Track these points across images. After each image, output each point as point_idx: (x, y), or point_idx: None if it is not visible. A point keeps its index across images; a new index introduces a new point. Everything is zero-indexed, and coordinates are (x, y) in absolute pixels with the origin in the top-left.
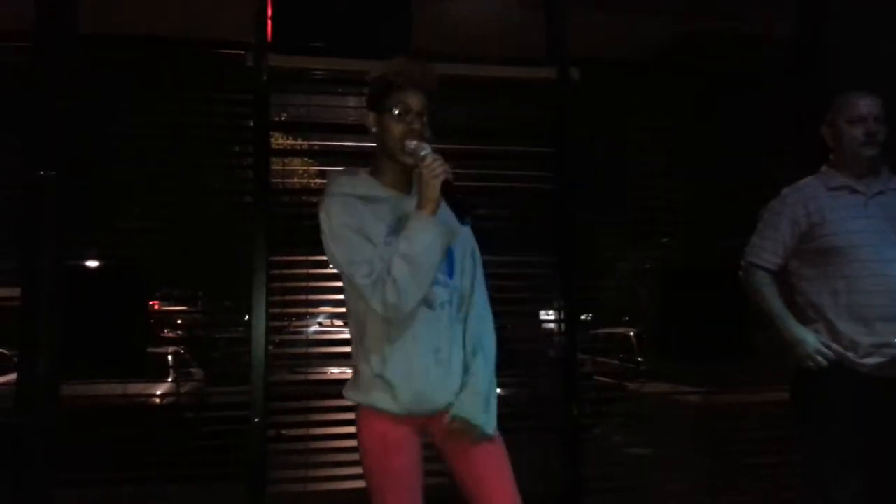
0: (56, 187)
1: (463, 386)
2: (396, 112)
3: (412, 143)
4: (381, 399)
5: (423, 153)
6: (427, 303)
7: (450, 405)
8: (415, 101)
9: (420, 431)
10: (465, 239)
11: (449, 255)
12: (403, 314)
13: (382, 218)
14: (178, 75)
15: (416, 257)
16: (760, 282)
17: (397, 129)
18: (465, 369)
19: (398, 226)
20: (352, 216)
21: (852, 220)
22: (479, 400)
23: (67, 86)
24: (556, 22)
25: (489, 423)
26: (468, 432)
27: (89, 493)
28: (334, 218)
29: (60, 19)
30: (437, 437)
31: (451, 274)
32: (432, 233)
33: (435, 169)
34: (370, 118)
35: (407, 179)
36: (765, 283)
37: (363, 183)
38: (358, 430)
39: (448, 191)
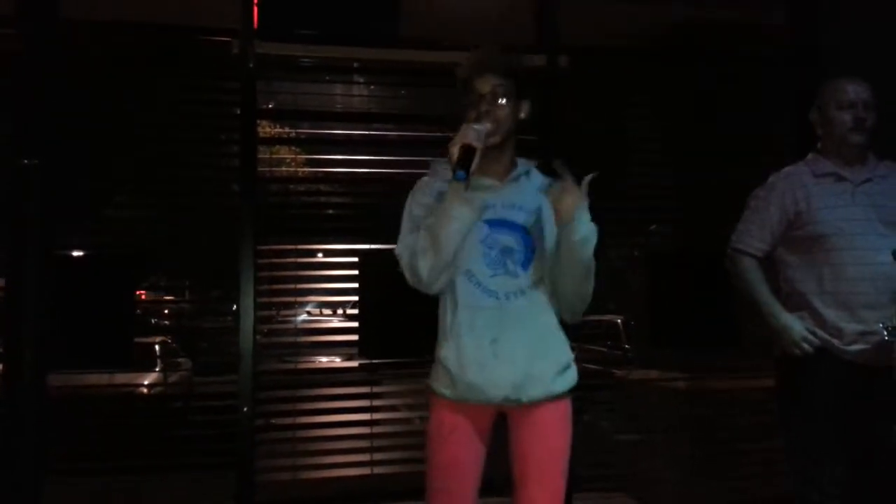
0: (41, 176)
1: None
2: (470, 101)
3: (471, 126)
4: (440, 384)
5: (461, 128)
6: (491, 292)
7: (507, 399)
8: (481, 85)
9: (487, 421)
10: (549, 230)
11: (528, 245)
12: (426, 285)
13: (469, 203)
14: (164, 62)
15: (431, 227)
16: (746, 269)
17: (471, 115)
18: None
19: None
20: (427, 199)
21: (839, 208)
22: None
23: (51, 73)
24: (545, 9)
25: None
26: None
27: (77, 484)
28: (416, 196)
29: (43, 5)
30: (509, 427)
31: (525, 265)
32: (450, 201)
33: (456, 137)
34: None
35: (502, 166)
36: (751, 270)
37: (443, 173)
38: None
39: (465, 152)
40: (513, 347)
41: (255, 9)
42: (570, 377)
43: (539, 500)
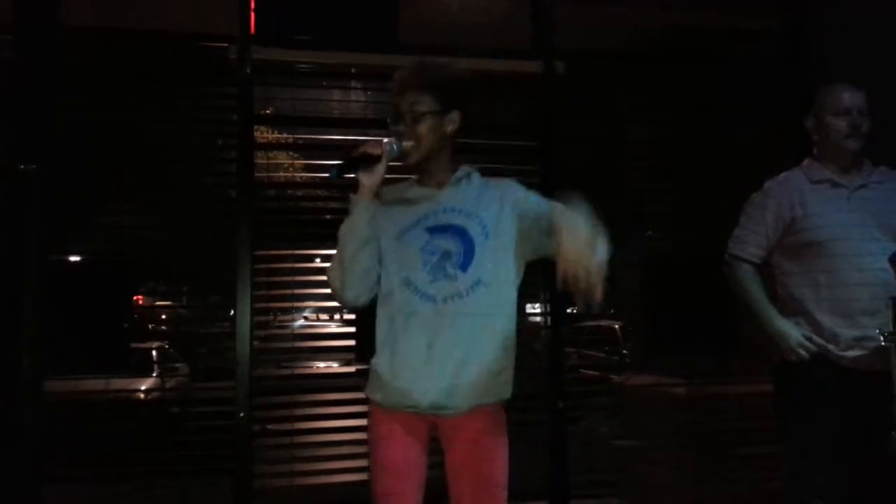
0: (39, 182)
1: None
2: (396, 118)
3: (393, 140)
4: (372, 389)
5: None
6: (428, 297)
7: (434, 405)
8: (402, 104)
9: (428, 429)
10: (522, 212)
11: (468, 248)
12: (341, 299)
13: (368, 213)
14: (161, 68)
15: (339, 238)
16: (744, 275)
17: (399, 132)
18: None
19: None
20: (369, 223)
21: (835, 214)
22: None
23: (50, 79)
24: (541, 15)
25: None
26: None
27: (75, 490)
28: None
29: (42, 12)
30: (440, 438)
31: (465, 267)
32: (350, 214)
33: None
34: None
35: (441, 175)
36: (748, 277)
37: (395, 188)
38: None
39: (350, 158)
40: (447, 352)
41: (253, 15)
42: (504, 387)
43: None
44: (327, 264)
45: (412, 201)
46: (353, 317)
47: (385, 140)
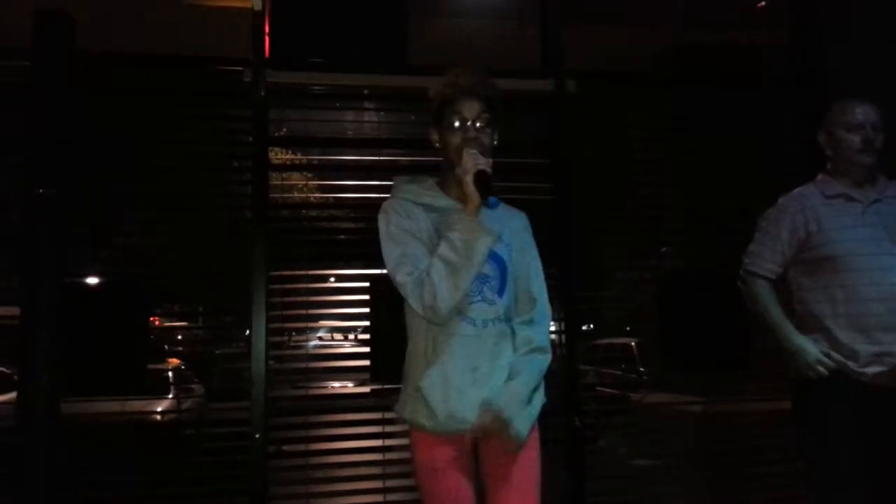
0: (55, 205)
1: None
2: (454, 124)
3: (470, 151)
4: (420, 415)
5: (465, 156)
6: (469, 319)
7: (512, 434)
8: (469, 109)
9: (471, 449)
10: (522, 257)
11: (501, 274)
12: (441, 317)
13: (444, 228)
14: (176, 92)
15: (453, 258)
16: (759, 291)
17: (454, 140)
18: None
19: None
20: (409, 219)
21: (850, 229)
22: (516, 398)
23: (65, 104)
24: (551, 34)
25: (523, 424)
26: (500, 429)
27: None
28: (391, 218)
29: (58, 37)
30: (482, 455)
31: (501, 292)
32: (472, 234)
33: (467, 164)
34: (433, 134)
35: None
36: (764, 293)
37: (429, 192)
38: (411, 446)
39: (482, 179)
40: (491, 375)
41: (267, 38)
42: (540, 396)
43: None
44: (356, 283)
45: (445, 211)
46: (367, 337)
47: (476, 153)
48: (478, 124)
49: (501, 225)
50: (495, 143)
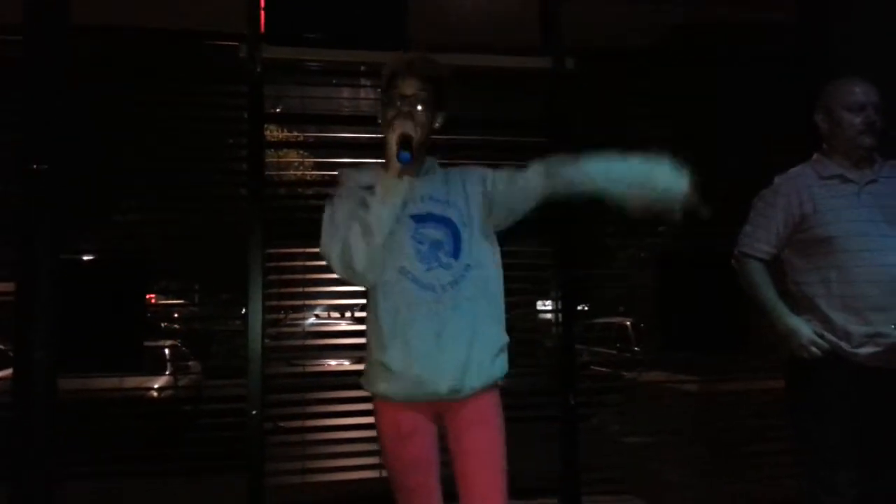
0: (51, 181)
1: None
2: (392, 100)
3: (401, 120)
4: (383, 386)
5: (395, 122)
6: (428, 286)
7: (452, 389)
8: (407, 86)
9: (434, 419)
10: (473, 205)
11: (455, 236)
12: (359, 276)
13: (398, 190)
14: (171, 67)
15: (365, 217)
16: (753, 272)
17: (389, 114)
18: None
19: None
20: (348, 203)
21: (845, 210)
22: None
23: (60, 79)
24: (550, 11)
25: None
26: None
27: (88, 487)
28: (332, 206)
29: (52, 11)
30: (448, 426)
31: (456, 254)
32: (387, 190)
33: (395, 128)
34: (380, 113)
35: (416, 167)
36: (757, 274)
37: (370, 174)
38: (375, 418)
39: (404, 141)
40: (456, 338)
41: (262, 13)
42: (505, 363)
43: (485, 491)
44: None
45: (387, 188)
46: (363, 314)
47: (407, 123)
48: (412, 100)
49: (445, 189)
50: (437, 125)
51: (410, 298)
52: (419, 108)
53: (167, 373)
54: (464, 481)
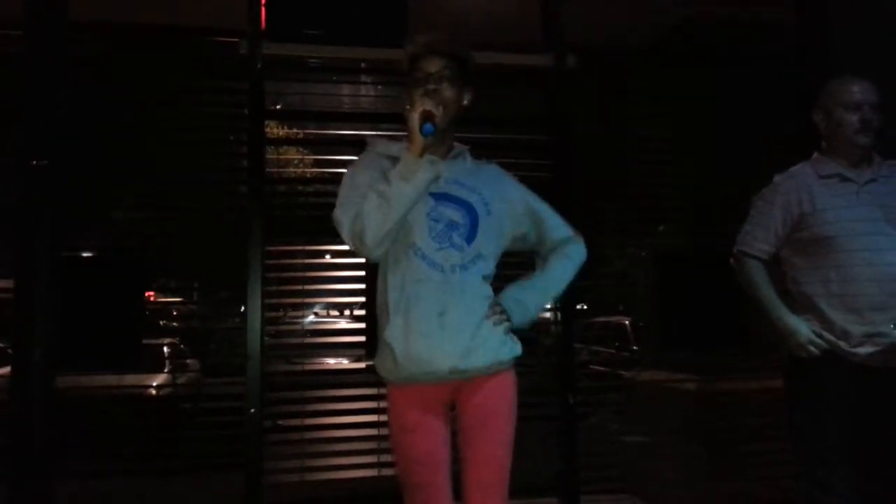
0: (50, 177)
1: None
2: (416, 80)
3: (424, 98)
4: (386, 366)
5: (416, 100)
6: (437, 265)
7: (454, 369)
8: (430, 65)
9: (446, 410)
10: (503, 203)
11: (472, 222)
12: (367, 248)
13: (426, 169)
14: (172, 63)
15: (386, 191)
16: (752, 271)
17: (415, 95)
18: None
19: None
20: (371, 171)
21: (844, 209)
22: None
23: (60, 75)
24: (551, 9)
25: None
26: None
27: (86, 485)
28: (357, 171)
29: (52, 7)
30: (459, 414)
31: (469, 240)
32: (409, 167)
33: (416, 105)
34: (406, 98)
35: (444, 148)
36: (756, 273)
37: (398, 145)
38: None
39: (426, 118)
40: (459, 319)
41: (263, 10)
42: (514, 345)
43: (485, 480)
44: (352, 259)
45: (408, 166)
46: (363, 313)
47: (429, 101)
48: (437, 78)
49: (475, 178)
50: (466, 102)
51: (417, 275)
52: (445, 84)
53: (166, 371)
54: (463, 460)
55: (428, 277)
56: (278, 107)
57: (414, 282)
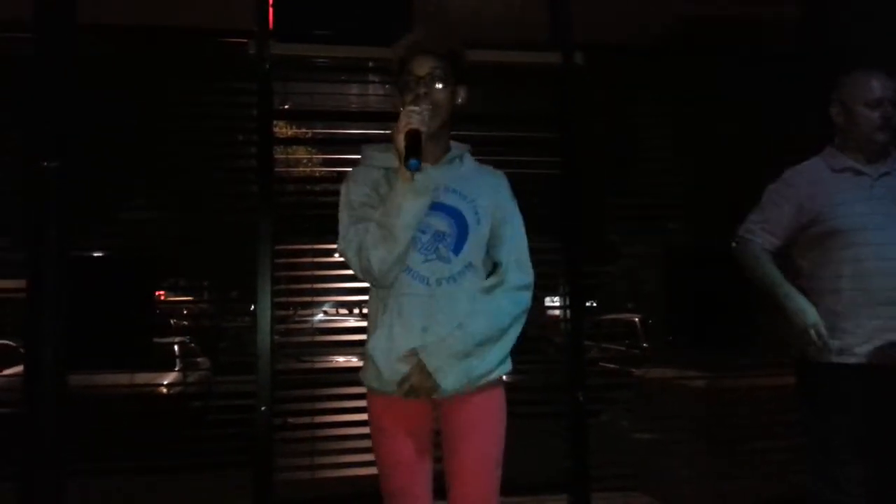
0: (60, 178)
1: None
2: (407, 83)
3: (410, 109)
4: (369, 377)
5: (401, 114)
6: (422, 278)
7: (436, 387)
8: (420, 66)
9: (428, 417)
10: (487, 213)
11: (459, 231)
12: (377, 280)
13: (420, 193)
14: (180, 64)
15: (383, 222)
16: (755, 252)
17: (406, 99)
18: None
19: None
20: (362, 186)
21: (858, 203)
22: (446, 350)
23: (68, 76)
24: (559, 6)
25: (450, 379)
26: (422, 383)
27: (97, 483)
28: (351, 188)
29: (61, 9)
30: (442, 425)
31: (457, 250)
32: (400, 196)
33: (400, 123)
34: (398, 101)
35: (438, 150)
36: (760, 254)
37: (391, 155)
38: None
39: (412, 138)
40: (441, 336)
41: (271, 10)
42: (502, 365)
43: (471, 497)
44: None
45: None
46: None
47: (415, 110)
48: (428, 80)
49: (470, 184)
50: (460, 100)
51: (403, 289)
52: (438, 86)
53: (177, 369)
54: (448, 473)
55: (413, 291)
56: (287, 107)
57: (399, 295)
